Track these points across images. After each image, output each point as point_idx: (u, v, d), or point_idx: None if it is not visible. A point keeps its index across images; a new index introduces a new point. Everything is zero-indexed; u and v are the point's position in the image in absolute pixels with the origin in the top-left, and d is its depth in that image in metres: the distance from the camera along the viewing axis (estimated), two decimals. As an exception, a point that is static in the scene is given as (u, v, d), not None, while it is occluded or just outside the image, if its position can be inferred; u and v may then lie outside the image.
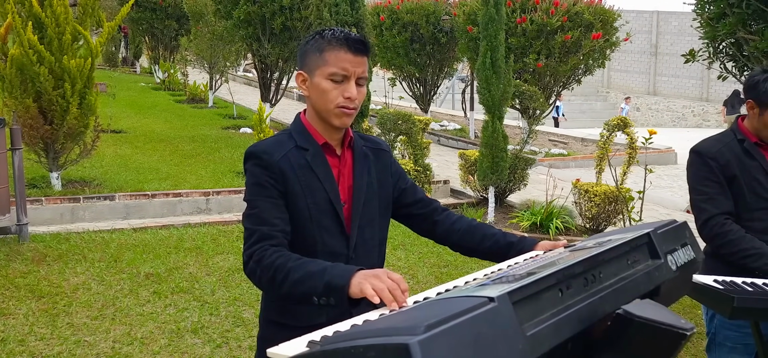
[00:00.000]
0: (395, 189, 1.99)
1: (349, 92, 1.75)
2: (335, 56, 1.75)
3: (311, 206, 1.76)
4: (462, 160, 8.05)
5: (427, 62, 13.56)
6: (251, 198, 1.76)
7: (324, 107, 1.77)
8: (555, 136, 13.66)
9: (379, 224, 1.92)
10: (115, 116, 11.08)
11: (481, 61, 7.13)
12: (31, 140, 6.49)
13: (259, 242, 1.70)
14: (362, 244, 1.85)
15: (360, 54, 1.77)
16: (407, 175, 2.09)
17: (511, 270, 1.55)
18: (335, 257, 1.78)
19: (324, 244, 1.78)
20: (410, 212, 2.05)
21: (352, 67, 1.75)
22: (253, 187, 1.76)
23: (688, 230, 1.87)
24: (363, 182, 1.86)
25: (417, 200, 2.05)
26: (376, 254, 1.91)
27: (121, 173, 7.60)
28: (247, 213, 1.76)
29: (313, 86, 1.78)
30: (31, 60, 6.22)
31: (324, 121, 1.80)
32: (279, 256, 1.66)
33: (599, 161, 6.86)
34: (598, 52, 11.92)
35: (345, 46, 1.76)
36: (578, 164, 11.36)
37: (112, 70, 18.91)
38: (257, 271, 1.68)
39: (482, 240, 2.10)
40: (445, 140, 12.97)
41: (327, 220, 1.79)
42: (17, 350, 3.54)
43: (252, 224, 1.73)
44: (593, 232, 6.77)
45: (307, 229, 1.78)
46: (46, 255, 4.97)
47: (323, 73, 1.76)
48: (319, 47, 1.78)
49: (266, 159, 1.75)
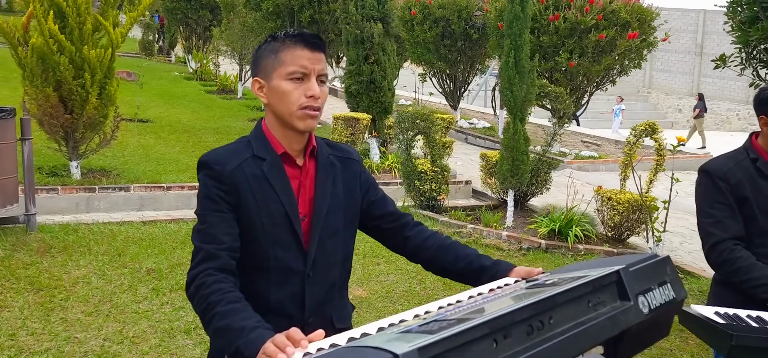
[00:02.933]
0: (364, 201, 1.89)
1: (312, 90, 1.66)
2: (292, 54, 1.67)
3: (265, 220, 1.67)
4: (483, 161, 7.85)
5: (457, 59, 13.34)
6: (200, 212, 1.68)
7: (286, 111, 1.67)
8: (587, 138, 13.29)
9: (344, 237, 1.81)
10: (143, 105, 11.20)
11: (504, 61, 6.92)
12: (52, 129, 6.56)
13: (203, 262, 1.61)
14: (322, 259, 1.75)
15: (317, 50, 1.69)
16: (378, 187, 1.97)
17: (445, 312, 1.40)
18: (290, 274, 1.71)
19: (277, 259, 1.70)
20: (379, 225, 1.95)
21: (311, 63, 1.67)
22: (203, 199, 1.68)
23: (669, 267, 1.69)
24: (326, 193, 1.76)
25: (387, 213, 1.94)
26: (338, 270, 1.81)
27: (141, 163, 7.64)
28: (196, 227, 1.68)
29: (272, 90, 1.69)
30: (52, 49, 6.27)
31: (286, 127, 1.71)
32: (214, 292, 1.56)
33: (624, 168, 6.59)
34: (634, 53, 11.52)
35: (301, 43, 1.68)
36: (609, 168, 11.00)
37: (148, 59, 19.19)
38: (195, 299, 1.60)
39: (455, 261, 1.96)
40: (473, 139, 12.75)
41: (282, 234, 1.69)
42: (6, 344, 3.53)
43: (199, 240, 1.65)
44: (615, 241, 6.52)
45: (259, 244, 1.69)
46: (51, 246, 4.99)
47: (281, 75, 1.67)
48: (273, 49, 1.70)
49: (218, 170, 1.67)
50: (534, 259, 5.97)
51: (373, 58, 8.95)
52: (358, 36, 8.91)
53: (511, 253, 6.10)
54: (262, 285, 1.72)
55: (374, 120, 9.01)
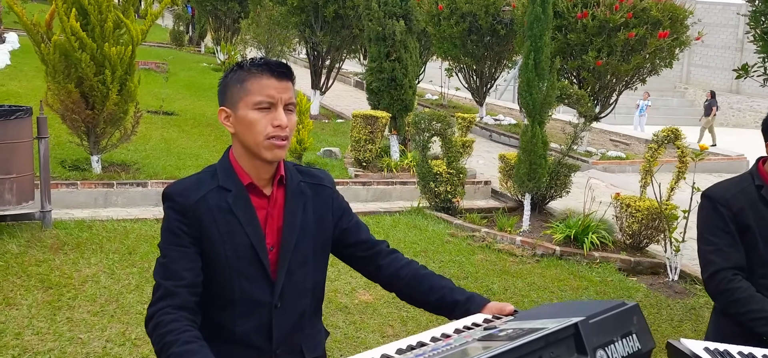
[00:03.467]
0: (336, 228, 1.87)
1: (279, 120, 1.65)
2: (258, 84, 1.65)
3: (229, 253, 1.66)
4: (502, 162, 7.75)
5: (484, 54, 13.18)
6: (162, 245, 1.68)
7: (253, 141, 1.66)
8: (616, 136, 13.01)
9: (314, 266, 1.80)
10: (169, 97, 11.35)
11: (524, 63, 6.81)
12: (73, 124, 6.69)
13: (162, 299, 1.62)
14: (291, 289, 1.74)
15: (284, 79, 1.67)
16: (351, 213, 1.94)
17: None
18: (256, 306, 1.70)
19: (243, 292, 1.68)
20: (352, 253, 1.93)
21: (278, 93, 1.65)
22: (164, 232, 1.68)
23: (637, 316, 1.63)
24: (296, 222, 1.75)
25: (359, 240, 1.92)
26: (308, 299, 1.79)
27: (162, 158, 7.75)
28: (158, 261, 1.68)
29: (239, 120, 1.68)
30: (74, 46, 6.38)
31: (254, 157, 1.69)
32: (170, 331, 1.55)
33: (644, 174, 6.43)
34: (665, 52, 11.22)
35: (267, 72, 1.66)
36: (635, 169, 10.73)
37: (178, 49, 19.44)
38: (152, 337, 1.60)
39: (429, 292, 1.93)
40: (497, 136, 12.60)
41: (248, 266, 1.68)
42: (11, 344, 3.62)
43: (159, 276, 1.65)
44: (633, 250, 6.37)
45: (224, 276, 1.68)
46: (65, 243, 5.09)
47: (247, 104, 1.66)
48: (239, 78, 1.68)
49: (180, 202, 1.67)
50: (548, 266, 5.88)
51: (394, 56, 8.90)
52: (380, 33, 8.87)
53: (525, 259, 6.02)
54: (227, 317, 1.71)
55: (394, 118, 8.97)
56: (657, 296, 5.45)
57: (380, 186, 7.92)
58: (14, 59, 13.08)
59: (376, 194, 7.88)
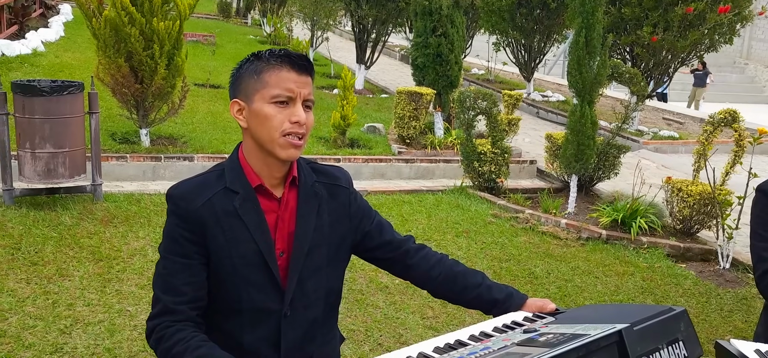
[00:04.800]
0: (357, 232, 1.77)
1: (297, 116, 1.54)
2: (277, 76, 1.54)
3: (236, 260, 1.58)
4: (548, 142, 7.59)
5: (533, 28, 12.87)
6: (162, 253, 1.60)
7: (268, 137, 1.55)
8: (670, 115, 12.59)
9: (327, 273, 1.70)
10: (216, 70, 11.50)
11: (574, 40, 6.61)
12: (123, 98, 6.84)
13: (161, 316, 1.56)
14: (302, 298, 1.65)
15: (304, 73, 1.57)
16: (372, 214, 1.83)
17: None
18: (267, 314, 1.62)
19: (251, 301, 1.60)
20: (376, 255, 1.84)
21: (297, 87, 1.55)
22: (166, 239, 1.59)
23: (684, 322, 1.57)
24: (309, 227, 1.64)
25: (383, 242, 1.82)
26: (321, 307, 1.70)
27: (209, 131, 7.86)
28: (157, 269, 1.61)
29: (253, 114, 1.56)
30: (123, 21, 6.49)
31: (266, 155, 1.58)
32: (177, 342, 1.51)
33: (698, 158, 6.20)
34: (725, 27, 10.75)
35: (287, 64, 1.56)
36: (689, 150, 10.39)
37: (225, 21, 19.63)
38: (157, 351, 1.56)
39: (464, 291, 1.86)
40: (545, 113, 12.34)
41: (256, 275, 1.59)
42: (64, 314, 3.75)
43: (158, 289, 1.58)
44: (683, 235, 6.18)
45: (230, 285, 1.60)
46: (114, 216, 5.23)
47: (264, 98, 1.54)
48: (256, 69, 1.57)
49: (183, 207, 1.56)
50: (593, 250, 5.76)
51: (440, 31, 8.77)
52: (426, 7, 8.74)
53: (569, 242, 5.91)
54: (234, 326, 1.63)
55: (439, 94, 8.87)
56: (706, 285, 5.28)
57: (423, 164, 7.88)
58: (68, 31, 13.43)
59: (419, 171, 7.84)
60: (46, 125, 5.07)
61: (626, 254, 5.73)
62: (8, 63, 9.62)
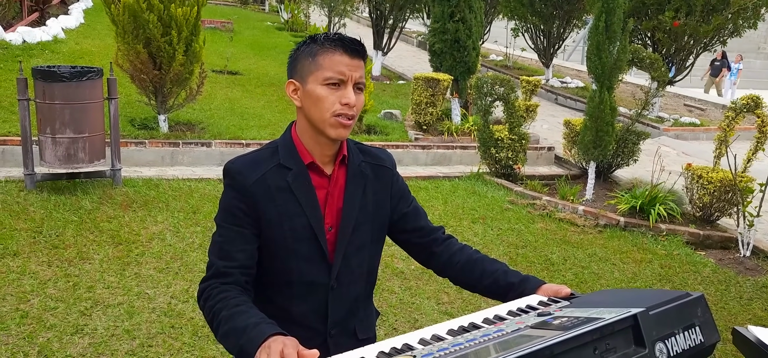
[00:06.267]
0: (395, 212, 1.84)
1: (347, 98, 1.60)
2: (330, 59, 1.61)
3: (288, 234, 1.65)
4: (567, 128, 7.53)
5: (552, 13, 12.75)
6: (219, 222, 1.68)
7: (319, 117, 1.62)
8: (691, 101, 12.42)
9: (370, 251, 1.78)
10: (234, 57, 11.53)
11: (594, 25, 6.53)
12: (142, 84, 6.90)
13: (212, 278, 1.63)
14: (347, 273, 1.73)
15: (357, 56, 1.63)
16: (410, 197, 1.91)
17: (448, 346, 1.35)
18: (315, 287, 1.70)
19: (301, 273, 1.68)
20: (408, 238, 1.90)
21: (349, 70, 1.61)
22: (222, 210, 1.66)
23: (701, 307, 1.55)
24: (355, 205, 1.72)
25: (417, 227, 1.89)
26: (362, 283, 1.78)
27: (226, 118, 7.90)
28: (213, 237, 1.69)
29: (306, 95, 1.64)
30: (142, 7, 6.53)
31: (318, 134, 1.66)
32: (220, 299, 1.57)
33: (719, 144, 6.11)
34: (750, 11, 10.56)
35: (340, 48, 1.62)
36: (710, 137, 10.25)
37: (243, 8, 19.66)
38: (204, 310, 1.62)
39: (481, 277, 1.89)
40: (563, 99, 12.24)
41: (306, 248, 1.66)
42: (84, 296, 3.81)
43: (213, 254, 1.66)
44: (702, 223, 6.11)
45: (282, 257, 1.67)
46: (133, 201, 5.29)
47: (317, 79, 1.61)
48: (311, 52, 1.64)
49: (239, 181, 1.64)
50: (610, 237, 5.72)
51: (458, 16, 8.71)
52: (444, -8, 8.68)
53: (587, 229, 5.87)
54: (284, 298, 1.72)
55: (457, 80, 8.83)
56: (726, 272, 5.22)
57: (440, 150, 7.86)
58: (88, 18, 13.55)
59: (436, 157, 7.82)
60: (66, 111, 5.13)
61: (644, 241, 5.68)
62: (29, 50, 9.73)
